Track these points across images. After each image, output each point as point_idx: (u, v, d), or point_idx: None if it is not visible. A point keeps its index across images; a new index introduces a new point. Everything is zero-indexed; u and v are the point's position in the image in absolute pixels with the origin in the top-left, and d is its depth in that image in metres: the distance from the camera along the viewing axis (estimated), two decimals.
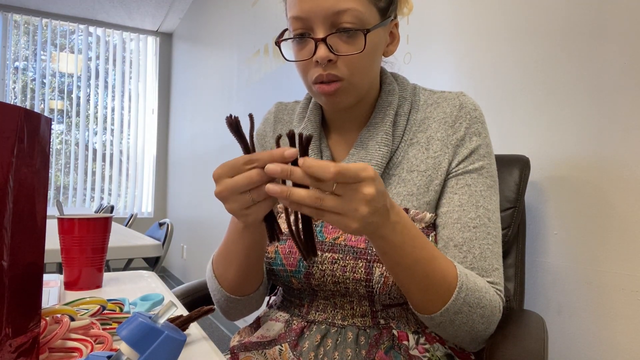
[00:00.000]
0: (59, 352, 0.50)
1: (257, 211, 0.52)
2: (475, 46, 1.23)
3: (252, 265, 0.69)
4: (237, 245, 0.67)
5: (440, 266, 0.61)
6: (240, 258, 0.68)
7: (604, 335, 0.90)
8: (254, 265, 0.69)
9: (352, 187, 0.48)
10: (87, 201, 4.74)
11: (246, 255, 0.67)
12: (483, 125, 0.73)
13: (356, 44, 0.65)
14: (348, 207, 0.48)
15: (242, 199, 0.51)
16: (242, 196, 0.51)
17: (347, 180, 0.48)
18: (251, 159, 0.50)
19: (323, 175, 0.47)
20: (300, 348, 0.70)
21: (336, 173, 0.46)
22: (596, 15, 0.93)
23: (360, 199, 0.48)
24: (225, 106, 3.33)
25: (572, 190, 0.97)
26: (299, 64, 0.69)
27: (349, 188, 0.48)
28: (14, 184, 0.40)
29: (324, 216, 0.49)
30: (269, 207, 0.53)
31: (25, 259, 0.42)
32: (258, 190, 0.50)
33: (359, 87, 0.69)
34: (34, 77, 4.53)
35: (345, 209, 0.48)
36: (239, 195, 0.51)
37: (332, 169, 0.46)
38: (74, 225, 0.80)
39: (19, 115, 0.41)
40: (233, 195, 0.51)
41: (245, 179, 0.50)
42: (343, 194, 0.48)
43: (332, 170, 0.46)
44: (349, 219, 0.49)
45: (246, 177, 0.50)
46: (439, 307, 0.61)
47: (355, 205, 0.48)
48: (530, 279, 1.04)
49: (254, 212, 0.52)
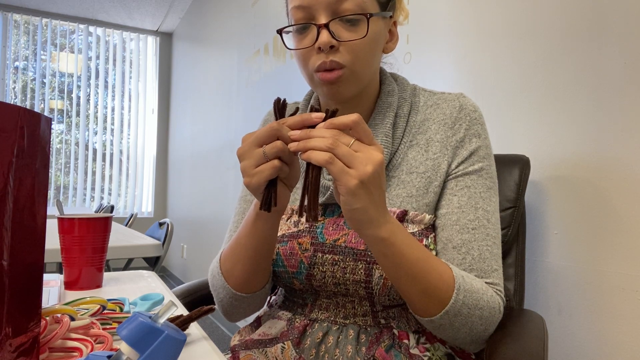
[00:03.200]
0: (59, 351, 0.50)
1: (264, 171, 0.55)
2: (475, 46, 1.23)
3: (261, 261, 0.69)
4: (249, 238, 0.67)
5: (437, 267, 0.61)
6: (249, 253, 0.68)
7: (604, 335, 0.90)
8: (262, 261, 0.70)
9: (365, 146, 0.53)
10: (87, 201, 4.74)
11: (256, 249, 0.67)
12: (483, 126, 0.72)
13: (358, 31, 0.65)
14: (359, 161, 0.52)
15: (257, 153, 0.55)
16: (258, 150, 0.55)
17: (365, 133, 0.53)
18: (283, 120, 0.56)
19: (345, 120, 0.53)
20: (302, 345, 0.70)
21: (359, 119, 0.53)
22: (596, 15, 0.93)
23: (370, 158, 0.52)
24: (225, 106, 3.33)
25: (572, 190, 0.97)
26: (300, 54, 0.68)
27: (363, 147, 0.53)
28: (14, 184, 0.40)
29: (333, 163, 0.52)
30: (275, 170, 0.55)
31: (25, 258, 0.42)
32: (272, 145, 0.54)
33: (360, 77, 0.68)
34: (34, 76, 4.53)
35: (355, 161, 0.52)
36: (255, 150, 0.55)
37: (354, 116, 0.53)
38: (74, 225, 0.80)
39: (19, 115, 0.41)
40: (251, 149, 0.56)
41: (266, 128, 0.55)
42: (357, 150, 0.53)
43: (354, 117, 0.53)
44: (353, 174, 0.52)
45: (267, 127, 0.55)
46: (438, 309, 0.61)
47: (365, 162, 0.52)
48: (530, 278, 1.04)
49: (260, 172, 0.55)
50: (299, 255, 0.71)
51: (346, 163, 0.52)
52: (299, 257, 0.71)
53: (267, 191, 0.57)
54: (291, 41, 0.70)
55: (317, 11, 0.65)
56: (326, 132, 0.53)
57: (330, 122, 0.54)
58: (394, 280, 0.62)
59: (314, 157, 0.52)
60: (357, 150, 0.53)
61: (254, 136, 0.56)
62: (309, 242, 0.71)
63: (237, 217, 0.83)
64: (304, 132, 0.54)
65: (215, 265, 0.75)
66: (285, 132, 0.54)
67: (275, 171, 0.55)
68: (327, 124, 0.54)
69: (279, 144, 0.54)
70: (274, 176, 0.56)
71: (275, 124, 0.55)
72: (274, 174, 0.56)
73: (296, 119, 0.55)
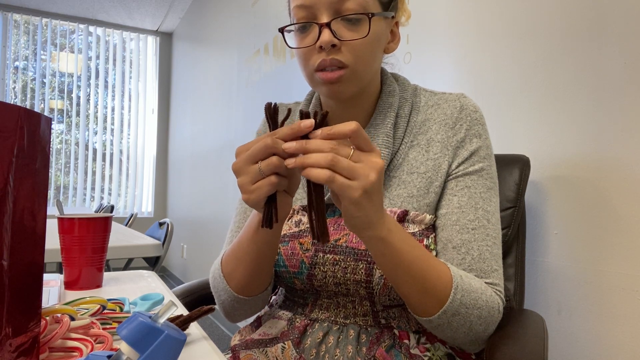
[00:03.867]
0: (59, 351, 0.50)
1: (261, 188, 0.53)
2: (475, 46, 1.23)
3: (262, 267, 0.69)
4: (250, 244, 0.67)
5: (435, 266, 0.62)
6: (251, 257, 0.68)
7: (604, 335, 0.90)
8: (263, 266, 0.69)
9: (365, 154, 0.51)
10: (87, 201, 4.74)
11: (257, 255, 0.67)
12: (483, 127, 0.72)
13: (360, 31, 0.65)
14: (361, 171, 0.50)
15: (253, 169, 0.53)
16: (253, 167, 0.53)
17: (364, 140, 0.51)
18: (273, 133, 0.53)
19: (344, 130, 0.50)
20: (302, 345, 0.70)
21: (357, 128, 0.50)
22: (596, 15, 0.93)
23: (372, 166, 0.51)
24: (225, 106, 3.33)
25: (572, 190, 0.97)
26: (301, 53, 0.69)
27: (363, 155, 0.51)
28: (14, 183, 0.40)
29: (334, 180, 0.50)
30: (273, 186, 0.53)
31: (25, 258, 0.42)
32: (267, 162, 0.52)
33: (362, 77, 0.68)
34: (34, 76, 4.53)
35: (358, 172, 0.50)
36: (251, 167, 0.53)
37: (353, 125, 0.50)
38: (74, 224, 0.80)
39: (19, 115, 0.41)
40: (246, 166, 0.53)
41: (259, 145, 0.52)
42: (357, 160, 0.51)
43: (353, 125, 0.50)
44: (357, 185, 0.50)
45: (260, 143, 0.52)
46: (436, 309, 0.61)
47: (367, 171, 0.50)
48: (530, 278, 1.04)
49: (258, 189, 0.53)
50: (300, 255, 0.71)
51: (347, 176, 0.50)
52: (300, 257, 0.71)
53: (268, 207, 0.56)
54: (293, 40, 0.70)
55: (319, 10, 0.65)
56: (324, 145, 0.50)
57: (328, 132, 0.51)
58: (392, 280, 0.62)
59: (314, 175, 0.49)
60: (358, 161, 0.51)
61: (248, 152, 0.53)
62: (310, 242, 0.71)
63: (238, 217, 0.83)
64: (300, 145, 0.51)
65: (217, 267, 0.75)
66: (280, 147, 0.51)
67: (273, 187, 0.53)
68: (324, 134, 0.51)
69: (274, 160, 0.52)
70: (272, 192, 0.55)
71: (269, 139, 0.52)
72: (272, 190, 0.54)
73: (286, 132, 0.52)
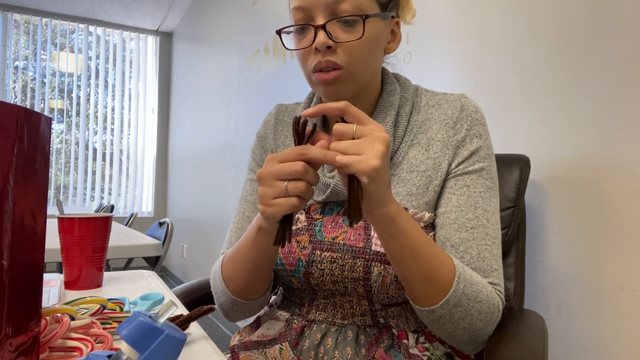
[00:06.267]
0: (59, 351, 0.50)
1: (282, 205, 0.55)
2: (475, 46, 1.23)
3: (261, 272, 0.69)
4: (250, 250, 0.67)
5: (439, 254, 0.62)
6: (251, 262, 0.68)
7: (604, 335, 0.90)
8: (263, 272, 0.70)
9: (369, 129, 0.54)
10: (87, 200, 4.74)
11: (257, 261, 0.67)
12: (484, 127, 0.73)
13: (355, 32, 0.66)
14: (369, 146, 0.52)
15: (278, 186, 0.55)
16: (280, 183, 0.55)
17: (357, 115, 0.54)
18: (304, 148, 0.55)
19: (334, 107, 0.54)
20: (300, 347, 0.70)
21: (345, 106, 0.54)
22: (596, 15, 0.93)
23: (377, 137, 0.53)
24: (225, 106, 3.33)
25: (572, 190, 0.97)
26: (300, 54, 0.70)
27: (366, 130, 0.53)
28: (14, 183, 0.40)
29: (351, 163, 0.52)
30: (293, 208, 0.55)
31: (25, 258, 0.42)
32: (296, 185, 0.54)
33: (358, 78, 0.69)
34: (34, 76, 4.53)
35: (366, 147, 0.52)
36: (277, 182, 0.55)
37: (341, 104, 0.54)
38: (74, 224, 0.80)
39: (19, 115, 0.41)
40: (272, 180, 0.55)
41: (290, 166, 0.54)
42: (362, 135, 0.53)
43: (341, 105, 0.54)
44: (370, 156, 0.52)
45: (292, 165, 0.54)
46: (439, 297, 0.61)
47: (373, 143, 0.52)
48: (530, 278, 1.04)
49: (278, 205, 0.55)
50: (297, 253, 0.71)
51: (360, 153, 0.52)
52: (297, 255, 0.71)
53: (282, 226, 0.57)
54: (292, 41, 0.71)
55: (315, 12, 0.66)
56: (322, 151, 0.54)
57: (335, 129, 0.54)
58: (397, 264, 0.61)
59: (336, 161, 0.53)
60: (362, 136, 0.53)
61: (278, 168, 0.55)
62: (308, 239, 0.71)
63: (238, 217, 0.83)
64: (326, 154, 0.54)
65: (217, 269, 0.76)
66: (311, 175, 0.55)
67: (292, 209, 0.55)
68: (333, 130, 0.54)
69: (302, 186, 0.54)
70: (291, 212, 0.56)
71: (300, 167, 0.54)
72: (291, 211, 0.55)
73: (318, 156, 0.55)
